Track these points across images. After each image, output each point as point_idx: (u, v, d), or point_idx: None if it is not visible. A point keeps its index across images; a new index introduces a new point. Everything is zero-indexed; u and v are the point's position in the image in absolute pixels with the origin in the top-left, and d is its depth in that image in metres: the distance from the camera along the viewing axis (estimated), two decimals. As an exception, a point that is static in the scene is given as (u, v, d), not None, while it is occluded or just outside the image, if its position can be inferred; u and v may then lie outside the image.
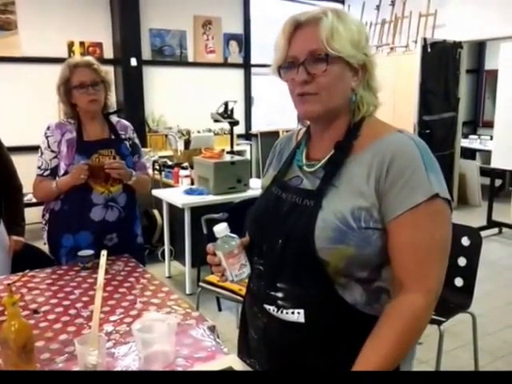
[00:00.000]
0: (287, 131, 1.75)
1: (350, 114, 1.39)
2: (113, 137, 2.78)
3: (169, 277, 5.26)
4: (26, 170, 3.15)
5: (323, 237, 1.29)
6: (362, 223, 1.28)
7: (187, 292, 4.72)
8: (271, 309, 1.41)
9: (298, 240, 1.33)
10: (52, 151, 2.70)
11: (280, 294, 1.39)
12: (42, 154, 2.73)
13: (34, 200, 3.83)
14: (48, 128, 2.73)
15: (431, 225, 1.27)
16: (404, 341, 1.26)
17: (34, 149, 3.05)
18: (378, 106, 1.43)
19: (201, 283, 3.58)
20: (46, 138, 2.71)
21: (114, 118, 2.87)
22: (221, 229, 1.42)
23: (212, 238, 1.48)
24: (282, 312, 1.39)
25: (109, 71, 2.81)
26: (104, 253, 1.83)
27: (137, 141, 2.91)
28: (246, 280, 1.52)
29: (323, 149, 1.42)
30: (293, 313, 1.37)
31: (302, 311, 1.36)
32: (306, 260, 1.33)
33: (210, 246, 1.45)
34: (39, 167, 2.74)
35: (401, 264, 1.29)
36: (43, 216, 2.82)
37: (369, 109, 1.39)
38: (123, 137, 2.82)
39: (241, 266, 1.41)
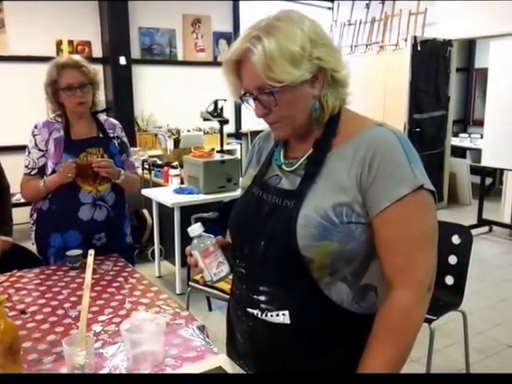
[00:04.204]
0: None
1: (319, 120, 1.35)
2: (101, 135, 2.75)
3: (159, 276, 5.24)
4: (14, 169, 3.12)
5: (306, 235, 1.27)
6: (344, 218, 1.27)
7: (177, 292, 4.71)
8: (255, 312, 1.40)
9: (280, 241, 1.32)
10: (39, 150, 2.67)
11: (263, 298, 1.38)
12: (29, 152, 2.70)
13: (22, 200, 3.80)
14: (35, 126, 2.69)
15: (418, 216, 1.26)
16: (401, 340, 1.26)
17: (21, 148, 3.02)
18: (349, 95, 1.38)
19: (190, 283, 3.57)
20: (34, 136, 2.68)
21: (102, 117, 2.84)
22: (194, 228, 1.43)
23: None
24: (266, 315, 1.38)
25: (97, 71, 2.77)
26: (91, 252, 1.81)
27: (125, 139, 2.88)
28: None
29: (302, 147, 1.40)
30: (277, 315, 1.36)
31: (286, 312, 1.34)
32: (289, 260, 1.31)
33: (188, 248, 1.45)
34: (26, 166, 2.71)
35: (388, 260, 1.28)
36: (31, 216, 2.79)
37: (335, 105, 1.35)
38: (111, 135, 2.79)
39: (218, 263, 1.41)
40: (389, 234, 1.26)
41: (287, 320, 1.34)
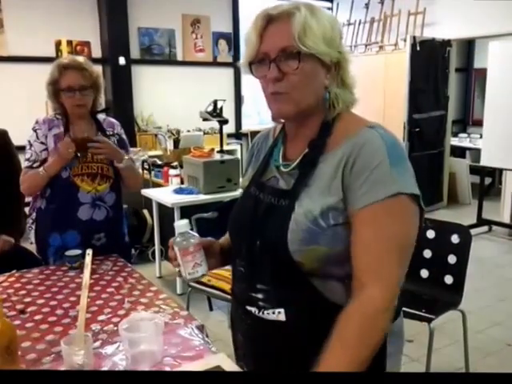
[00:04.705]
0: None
1: (323, 112, 1.38)
2: (99, 133, 2.74)
3: (160, 277, 5.24)
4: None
5: (295, 239, 1.28)
6: (330, 221, 1.28)
7: (178, 292, 4.71)
8: (253, 310, 1.41)
9: (272, 242, 1.33)
10: (42, 143, 2.66)
11: (260, 295, 1.39)
12: (31, 146, 2.68)
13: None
14: (36, 122, 2.70)
15: (391, 222, 1.25)
16: (363, 343, 1.21)
17: (20, 149, 3.02)
18: (355, 103, 1.41)
19: (191, 283, 3.57)
20: (35, 131, 2.68)
21: (101, 116, 2.84)
22: (180, 224, 1.45)
23: (201, 237, 1.50)
24: (263, 313, 1.39)
25: (100, 73, 2.77)
26: (89, 252, 1.80)
27: (124, 136, 2.88)
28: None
29: (298, 148, 1.41)
30: (273, 312, 1.37)
31: (282, 310, 1.35)
32: (282, 261, 1.32)
33: (171, 240, 1.46)
34: (28, 159, 2.67)
35: (358, 260, 1.26)
36: (30, 215, 2.79)
37: (344, 106, 1.38)
38: (110, 133, 2.79)
39: (195, 264, 1.43)
40: (361, 234, 1.26)
41: (282, 317, 1.35)
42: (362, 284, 1.24)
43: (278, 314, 1.36)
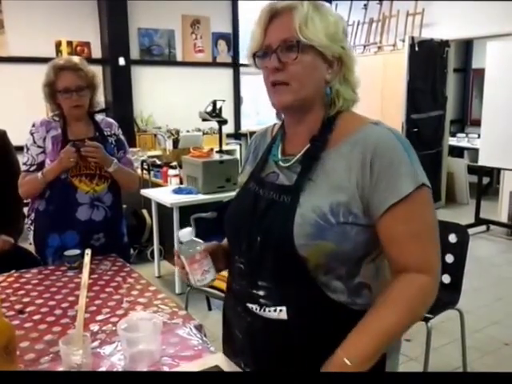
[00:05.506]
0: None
1: (324, 108, 1.39)
2: (97, 134, 2.75)
3: (158, 276, 5.25)
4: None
5: (302, 233, 1.28)
6: (340, 218, 1.28)
7: (177, 292, 4.72)
8: (254, 307, 1.41)
9: (276, 237, 1.33)
10: (38, 146, 2.67)
11: (261, 292, 1.39)
12: (27, 149, 2.70)
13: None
14: (33, 125, 2.71)
15: (422, 212, 1.29)
16: (409, 313, 1.29)
17: (20, 149, 3.02)
18: (356, 102, 1.42)
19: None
20: (32, 134, 2.69)
21: (99, 116, 2.84)
22: (184, 233, 1.46)
23: (201, 237, 1.50)
24: (264, 310, 1.39)
25: (97, 73, 2.77)
26: (88, 251, 1.81)
27: (122, 137, 2.88)
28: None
29: (298, 143, 1.41)
30: (275, 310, 1.36)
31: (284, 308, 1.35)
32: (285, 257, 1.32)
33: (176, 249, 1.48)
34: (25, 163, 2.70)
35: (402, 252, 1.29)
36: (28, 216, 2.80)
37: (345, 103, 1.39)
38: (108, 133, 2.80)
39: (203, 271, 1.44)
40: (398, 229, 1.28)
41: (284, 316, 1.35)
42: (410, 270, 1.29)
43: (280, 312, 1.36)
